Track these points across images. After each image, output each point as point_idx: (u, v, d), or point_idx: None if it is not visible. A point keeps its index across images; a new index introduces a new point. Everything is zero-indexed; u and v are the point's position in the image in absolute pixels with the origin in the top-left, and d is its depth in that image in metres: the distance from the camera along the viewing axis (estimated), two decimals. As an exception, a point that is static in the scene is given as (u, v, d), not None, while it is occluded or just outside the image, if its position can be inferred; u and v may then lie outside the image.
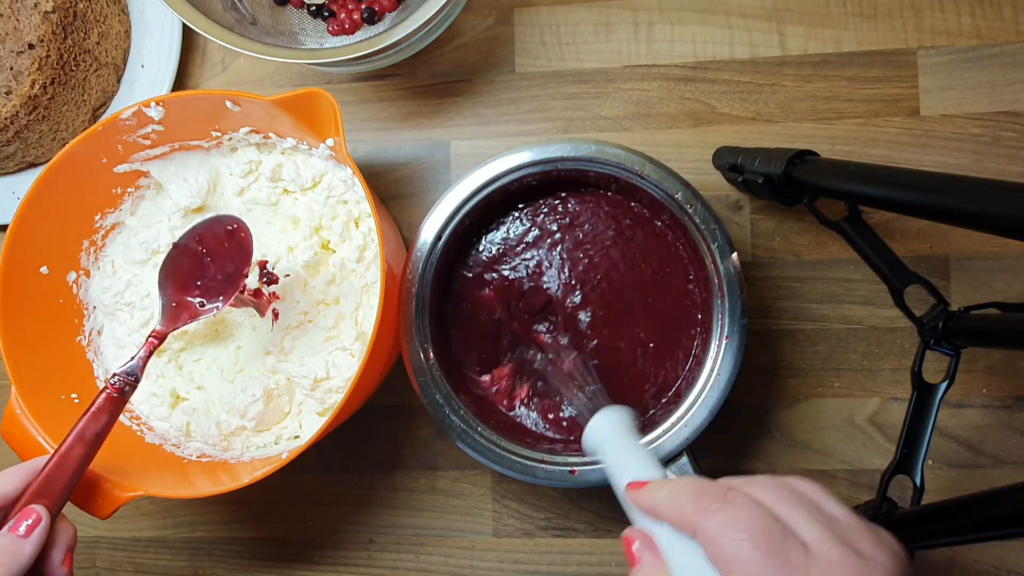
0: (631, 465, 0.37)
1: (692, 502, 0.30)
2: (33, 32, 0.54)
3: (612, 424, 0.40)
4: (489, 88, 0.58)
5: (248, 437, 0.53)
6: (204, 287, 0.48)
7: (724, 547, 0.28)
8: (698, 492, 0.31)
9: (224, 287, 0.48)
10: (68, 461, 0.42)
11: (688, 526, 0.30)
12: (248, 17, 0.54)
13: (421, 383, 0.49)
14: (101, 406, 0.43)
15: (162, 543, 0.60)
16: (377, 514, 0.58)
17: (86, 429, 0.42)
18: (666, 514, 0.32)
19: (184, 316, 0.47)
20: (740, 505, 0.29)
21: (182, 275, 0.48)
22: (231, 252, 0.48)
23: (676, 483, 0.32)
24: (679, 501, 0.31)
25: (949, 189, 0.35)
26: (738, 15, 0.56)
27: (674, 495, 0.31)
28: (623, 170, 0.48)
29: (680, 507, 0.31)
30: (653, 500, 0.32)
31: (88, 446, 0.42)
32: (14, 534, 0.39)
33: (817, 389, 0.55)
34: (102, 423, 0.43)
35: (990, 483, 0.52)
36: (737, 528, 0.28)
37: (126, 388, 0.44)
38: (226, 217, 0.48)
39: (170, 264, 0.48)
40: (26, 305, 0.51)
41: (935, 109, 0.54)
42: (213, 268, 0.48)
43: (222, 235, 0.48)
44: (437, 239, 0.49)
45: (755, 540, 0.28)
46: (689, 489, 0.31)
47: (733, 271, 0.47)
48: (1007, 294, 0.53)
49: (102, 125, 0.49)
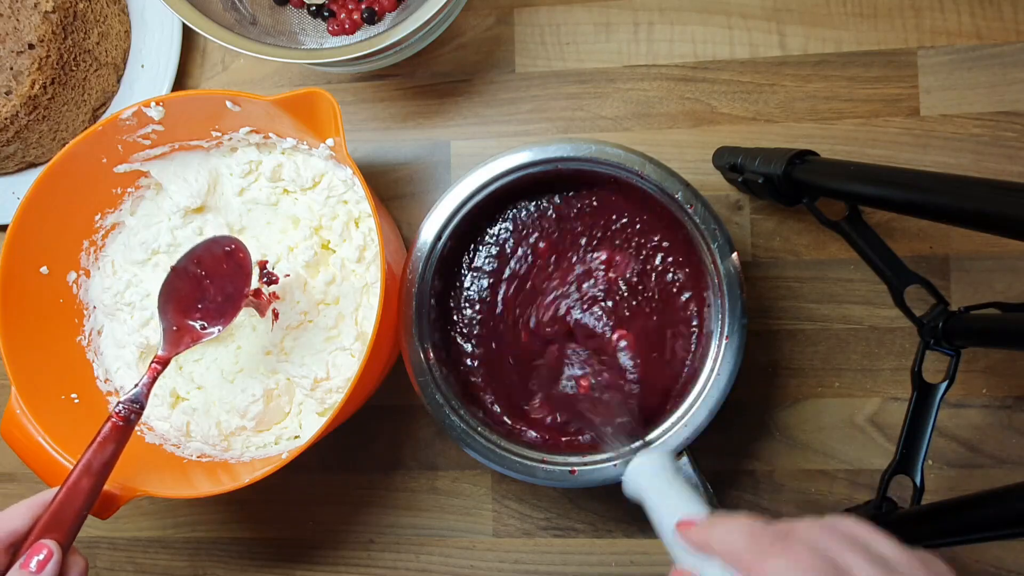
0: (678, 504, 0.36)
1: (748, 543, 0.30)
2: (33, 32, 0.54)
3: (654, 467, 0.40)
4: (489, 88, 0.58)
5: (248, 437, 0.53)
6: (205, 309, 0.47)
7: None
8: (755, 533, 0.30)
9: (225, 308, 0.47)
10: (77, 493, 0.41)
11: (743, 567, 0.30)
12: (248, 17, 0.54)
13: (421, 383, 0.49)
14: (107, 435, 0.42)
15: (162, 543, 0.60)
16: (377, 514, 0.58)
17: (93, 459, 0.42)
18: (720, 552, 0.31)
19: (186, 340, 0.47)
20: (800, 551, 0.29)
21: (182, 298, 0.47)
22: (230, 273, 0.47)
23: (731, 522, 0.32)
24: (734, 541, 0.31)
25: (949, 189, 0.35)
26: (738, 15, 0.56)
27: (729, 534, 0.31)
28: (623, 170, 0.48)
29: (735, 547, 0.31)
30: (706, 537, 0.32)
31: (96, 477, 0.42)
32: (26, 571, 0.38)
33: (817, 389, 0.55)
34: (109, 452, 0.42)
35: (990, 483, 0.52)
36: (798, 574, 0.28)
37: (131, 416, 0.43)
38: (223, 238, 0.48)
39: (169, 288, 0.47)
40: (26, 305, 0.51)
41: (935, 109, 0.54)
42: (213, 290, 0.47)
43: (220, 256, 0.47)
44: (437, 239, 0.49)
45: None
46: (745, 530, 0.31)
47: (733, 271, 0.47)
48: (1007, 294, 0.53)
49: (102, 125, 0.49)
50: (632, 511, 0.55)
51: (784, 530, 0.30)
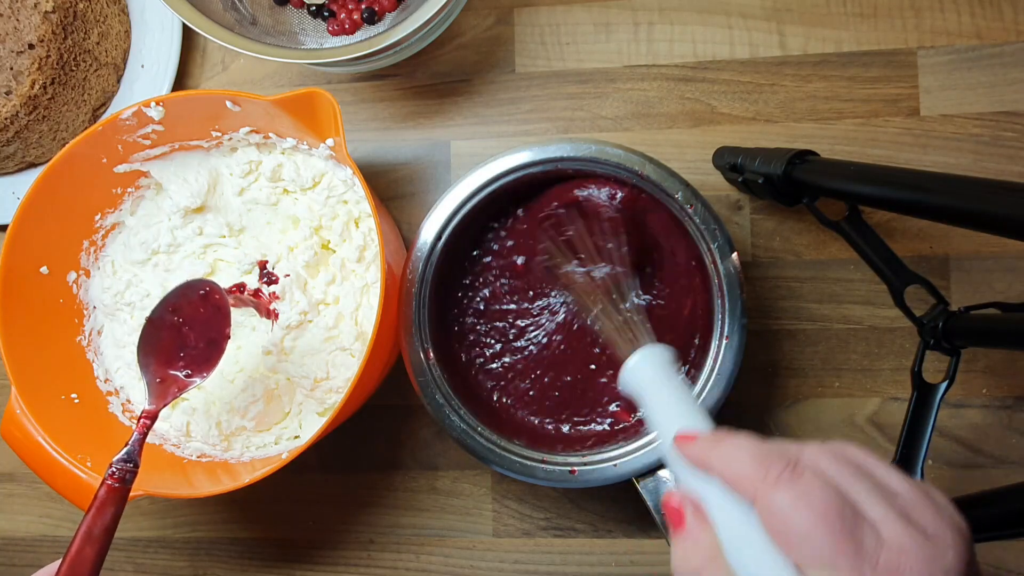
0: (679, 413, 0.34)
1: (754, 467, 0.28)
2: (33, 32, 0.54)
3: (655, 364, 0.36)
4: (489, 88, 0.58)
5: (248, 437, 0.53)
6: (188, 357, 0.46)
7: (793, 525, 0.27)
8: (761, 456, 0.28)
9: (209, 354, 0.46)
10: (81, 563, 0.39)
11: (747, 491, 0.28)
12: (248, 17, 0.54)
13: (421, 383, 0.49)
14: (104, 499, 0.40)
15: (162, 543, 0.60)
16: (377, 514, 0.58)
17: (93, 526, 0.39)
18: (722, 474, 0.29)
19: (172, 390, 0.45)
20: (810, 481, 0.27)
21: (163, 349, 0.46)
22: (208, 317, 0.46)
23: (735, 441, 0.30)
24: (739, 463, 0.29)
25: (949, 189, 0.35)
26: (738, 15, 0.56)
27: (732, 454, 0.29)
28: (623, 170, 0.48)
29: (740, 470, 0.29)
30: (707, 456, 0.30)
31: (98, 543, 0.39)
32: None
33: (817, 389, 0.55)
34: (108, 516, 0.40)
35: (990, 483, 0.52)
36: (808, 506, 0.26)
37: (127, 476, 0.41)
38: (197, 282, 0.47)
39: (148, 340, 0.45)
40: (26, 305, 0.51)
41: (935, 109, 0.54)
42: (193, 337, 0.46)
43: (196, 301, 0.46)
44: (437, 239, 0.49)
45: (827, 521, 0.26)
46: (751, 451, 0.29)
47: (733, 271, 0.47)
48: (1007, 294, 0.53)
49: (102, 125, 0.49)
50: (632, 511, 0.55)
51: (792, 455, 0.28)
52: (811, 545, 0.26)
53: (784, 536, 0.27)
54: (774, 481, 0.28)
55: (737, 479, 0.29)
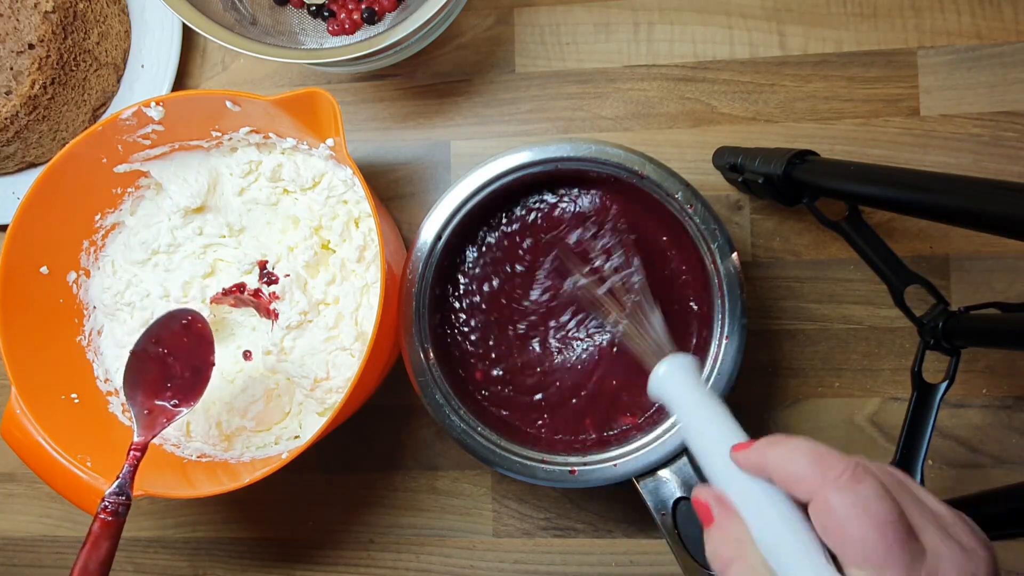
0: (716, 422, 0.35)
1: (813, 467, 0.29)
2: (33, 32, 0.54)
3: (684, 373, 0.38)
4: (489, 88, 0.58)
5: (248, 437, 0.53)
6: (175, 387, 0.46)
7: (850, 528, 0.27)
8: (820, 457, 0.29)
9: (195, 382, 0.46)
10: None
11: (803, 491, 0.29)
12: (248, 17, 0.54)
13: (421, 383, 0.49)
14: (99, 534, 0.40)
15: (162, 543, 0.60)
16: (377, 514, 0.58)
17: (89, 560, 0.40)
18: (777, 473, 0.30)
19: (161, 421, 0.45)
20: (871, 486, 0.28)
21: (150, 381, 0.46)
22: (192, 346, 0.46)
23: (794, 442, 0.30)
24: (796, 462, 0.29)
25: (949, 189, 0.35)
26: (738, 15, 0.56)
27: (790, 455, 0.30)
28: (623, 170, 0.48)
29: (797, 470, 0.29)
30: (763, 459, 0.31)
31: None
32: None
33: (817, 389, 0.55)
34: (104, 550, 0.40)
35: (990, 483, 0.52)
36: (868, 511, 0.27)
37: (119, 509, 0.41)
38: (179, 312, 0.47)
39: (133, 373, 0.46)
40: (26, 305, 0.51)
41: (935, 109, 0.54)
42: (179, 366, 0.46)
43: (179, 331, 0.47)
44: (437, 239, 0.49)
45: (883, 529, 0.27)
46: (809, 451, 0.29)
47: (733, 271, 0.47)
48: (1007, 294, 0.53)
49: (102, 125, 0.49)
50: (632, 511, 0.55)
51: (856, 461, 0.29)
52: (864, 547, 0.27)
53: (840, 539, 0.28)
54: (833, 482, 0.28)
55: (795, 479, 0.29)
